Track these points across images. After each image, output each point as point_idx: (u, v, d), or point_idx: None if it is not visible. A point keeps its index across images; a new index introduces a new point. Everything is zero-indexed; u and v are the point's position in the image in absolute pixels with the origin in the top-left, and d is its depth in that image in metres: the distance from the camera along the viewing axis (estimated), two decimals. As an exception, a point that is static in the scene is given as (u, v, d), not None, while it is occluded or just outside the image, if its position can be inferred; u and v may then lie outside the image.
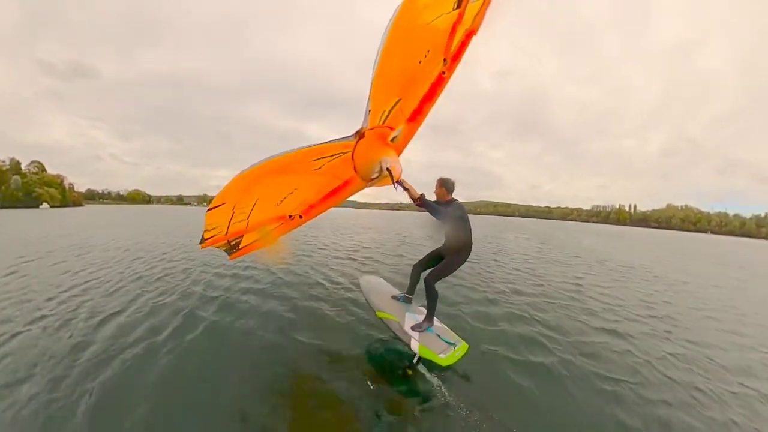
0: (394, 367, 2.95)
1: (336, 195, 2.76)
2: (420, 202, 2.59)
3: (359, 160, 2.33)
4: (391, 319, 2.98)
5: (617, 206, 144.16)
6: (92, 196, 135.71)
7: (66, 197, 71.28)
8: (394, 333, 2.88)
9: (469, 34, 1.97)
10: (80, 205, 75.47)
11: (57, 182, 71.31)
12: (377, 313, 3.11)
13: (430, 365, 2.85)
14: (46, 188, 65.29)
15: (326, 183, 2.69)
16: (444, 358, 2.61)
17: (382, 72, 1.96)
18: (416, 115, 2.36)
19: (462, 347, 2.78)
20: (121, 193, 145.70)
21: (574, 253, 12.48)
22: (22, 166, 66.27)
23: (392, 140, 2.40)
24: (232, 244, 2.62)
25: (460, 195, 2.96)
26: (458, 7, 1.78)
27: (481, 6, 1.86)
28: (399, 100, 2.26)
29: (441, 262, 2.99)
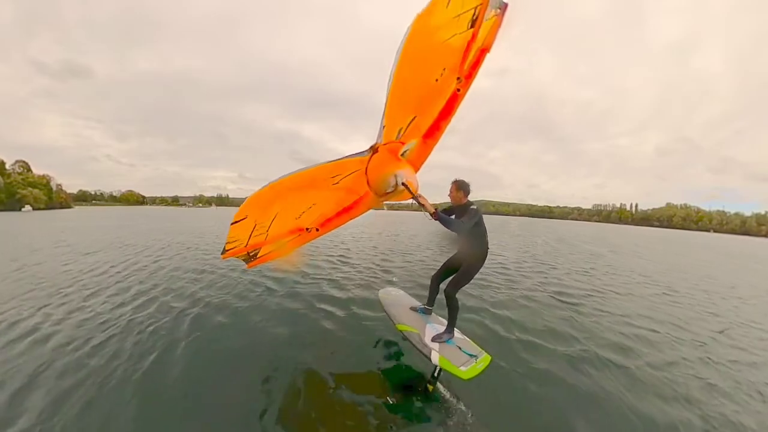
0: (414, 381, 2.93)
1: (352, 210, 2.85)
2: (436, 217, 2.53)
3: (372, 175, 2.41)
4: (411, 331, 2.97)
5: (618, 205, 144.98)
6: (84, 197, 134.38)
7: (53, 199, 69.41)
8: (415, 345, 2.86)
9: (482, 52, 2.02)
10: (68, 207, 73.42)
11: (43, 183, 69.06)
12: (397, 326, 3.10)
13: (452, 379, 2.81)
14: (30, 189, 62.78)
15: (343, 198, 2.79)
16: (465, 371, 2.58)
17: (397, 89, 2.02)
18: (433, 132, 2.43)
19: (484, 359, 2.76)
20: (114, 194, 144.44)
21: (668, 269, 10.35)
22: (7, 166, 63.99)
23: (402, 154, 2.46)
24: (250, 254, 2.72)
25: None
26: (473, 26, 1.86)
27: (493, 25, 1.92)
28: (415, 117, 2.32)
29: (458, 272, 2.96)
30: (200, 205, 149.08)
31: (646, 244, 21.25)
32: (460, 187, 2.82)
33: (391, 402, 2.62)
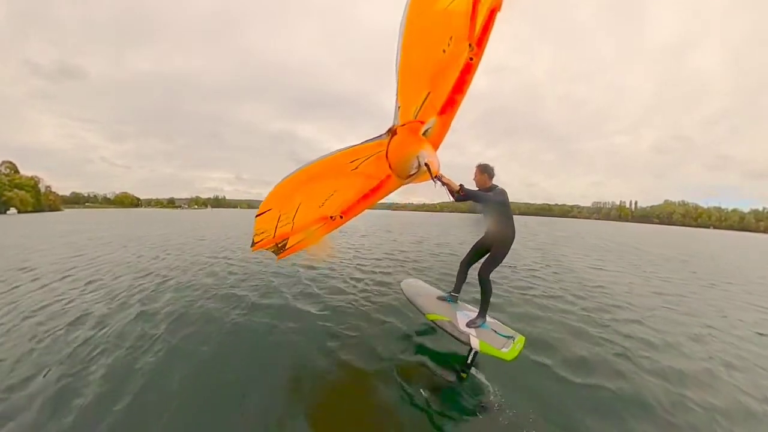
0: (446, 370, 2.86)
1: (374, 194, 2.81)
2: (462, 193, 2.46)
3: (393, 157, 2.33)
4: (443, 320, 2.91)
5: (618, 203, 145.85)
6: (77, 200, 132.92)
7: (41, 201, 67.41)
8: (449, 333, 2.81)
9: (492, 12, 1.87)
10: (58, 209, 71.26)
11: (31, 184, 67.01)
12: (427, 315, 3.04)
13: (482, 365, 2.79)
14: (17, 191, 60.37)
15: (363, 184, 2.76)
16: (507, 352, 2.55)
17: (406, 66, 1.92)
18: (448, 107, 2.32)
19: (520, 339, 2.76)
20: (108, 196, 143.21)
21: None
22: (-7, 167, 61.89)
23: (424, 134, 2.36)
24: (279, 245, 2.76)
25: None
26: None
27: None
28: (429, 93, 2.23)
29: (488, 255, 2.92)
30: (195, 206, 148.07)
31: (690, 245, 19.54)
32: (484, 170, 2.83)
33: (424, 394, 2.53)
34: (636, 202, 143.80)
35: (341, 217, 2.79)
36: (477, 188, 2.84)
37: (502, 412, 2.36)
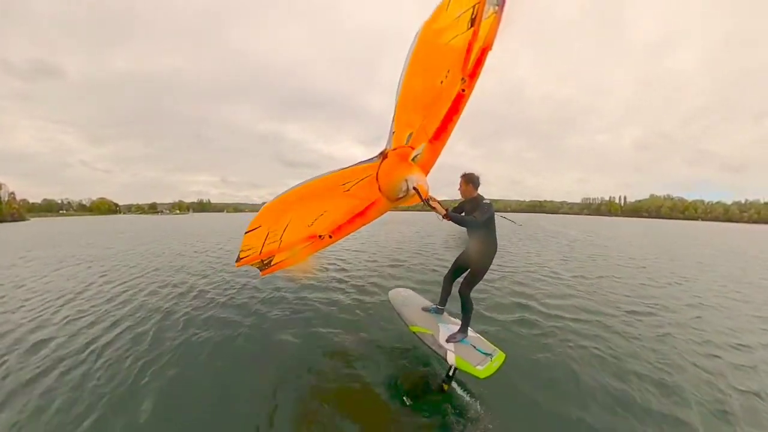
0: (429, 381, 3.04)
1: (364, 216, 2.94)
2: (448, 218, 2.67)
3: (383, 180, 2.50)
4: (425, 332, 3.06)
5: (607, 198, 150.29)
6: (50, 208, 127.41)
7: (2, 210, 63.61)
8: (429, 346, 2.95)
9: (484, 50, 2.11)
10: (22, 219, 66.89)
11: None
12: (410, 327, 3.19)
13: (467, 378, 2.92)
14: None
15: (354, 205, 2.88)
16: (481, 370, 2.68)
17: (406, 95, 2.12)
18: (440, 134, 2.52)
19: (499, 357, 2.87)
20: (84, 202, 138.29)
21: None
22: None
23: (413, 159, 2.55)
24: (264, 262, 2.82)
25: (442, 193, 2.91)
26: (472, 25, 1.96)
27: (492, 22, 2.01)
28: (422, 121, 2.43)
29: (469, 271, 3.06)
30: (177, 211, 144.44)
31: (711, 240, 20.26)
32: (469, 180, 2.87)
33: (407, 403, 2.71)
34: (625, 197, 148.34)
35: (330, 236, 2.91)
36: (463, 198, 2.97)
37: (482, 422, 2.55)
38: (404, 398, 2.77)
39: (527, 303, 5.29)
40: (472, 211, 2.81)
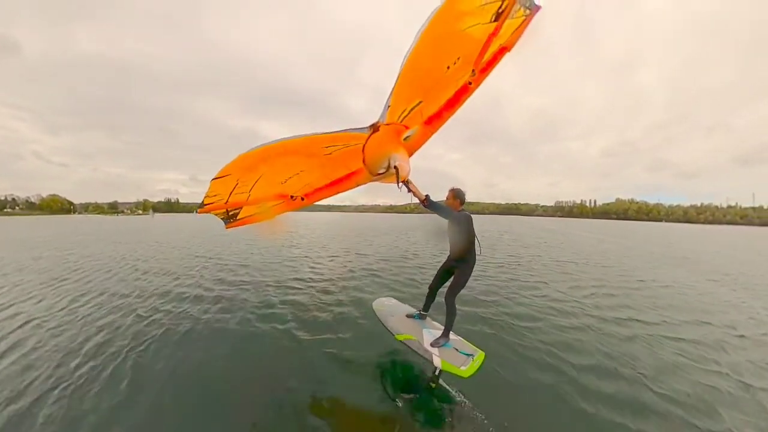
0: (418, 381, 3.38)
1: (341, 183, 2.93)
2: (427, 203, 2.78)
3: (369, 153, 2.43)
4: (410, 339, 3.39)
5: (579, 201, 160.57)
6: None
7: None
8: (416, 351, 3.27)
9: (503, 50, 2.09)
10: None
11: None
12: (396, 336, 3.51)
13: (452, 376, 3.26)
14: None
15: (333, 170, 2.82)
16: (465, 370, 3.01)
17: (409, 71, 2.01)
18: (434, 120, 2.54)
19: (479, 356, 3.21)
20: (33, 200, 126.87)
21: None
22: None
23: (405, 139, 2.54)
24: (230, 213, 2.71)
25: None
26: (496, 20, 1.87)
27: (521, 24, 1.98)
28: (420, 102, 2.37)
29: (453, 278, 3.39)
30: (139, 212, 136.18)
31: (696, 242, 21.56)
32: (457, 195, 3.15)
33: (399, 404, 3.02)
34: (595, 201, 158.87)
35: (302, 198, 2.86)
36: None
37: (469, 417, 2.88)
38: (396, 399, 3.05)
39: (503, 307, 5.77)
40: (457, 224, 3.12)
